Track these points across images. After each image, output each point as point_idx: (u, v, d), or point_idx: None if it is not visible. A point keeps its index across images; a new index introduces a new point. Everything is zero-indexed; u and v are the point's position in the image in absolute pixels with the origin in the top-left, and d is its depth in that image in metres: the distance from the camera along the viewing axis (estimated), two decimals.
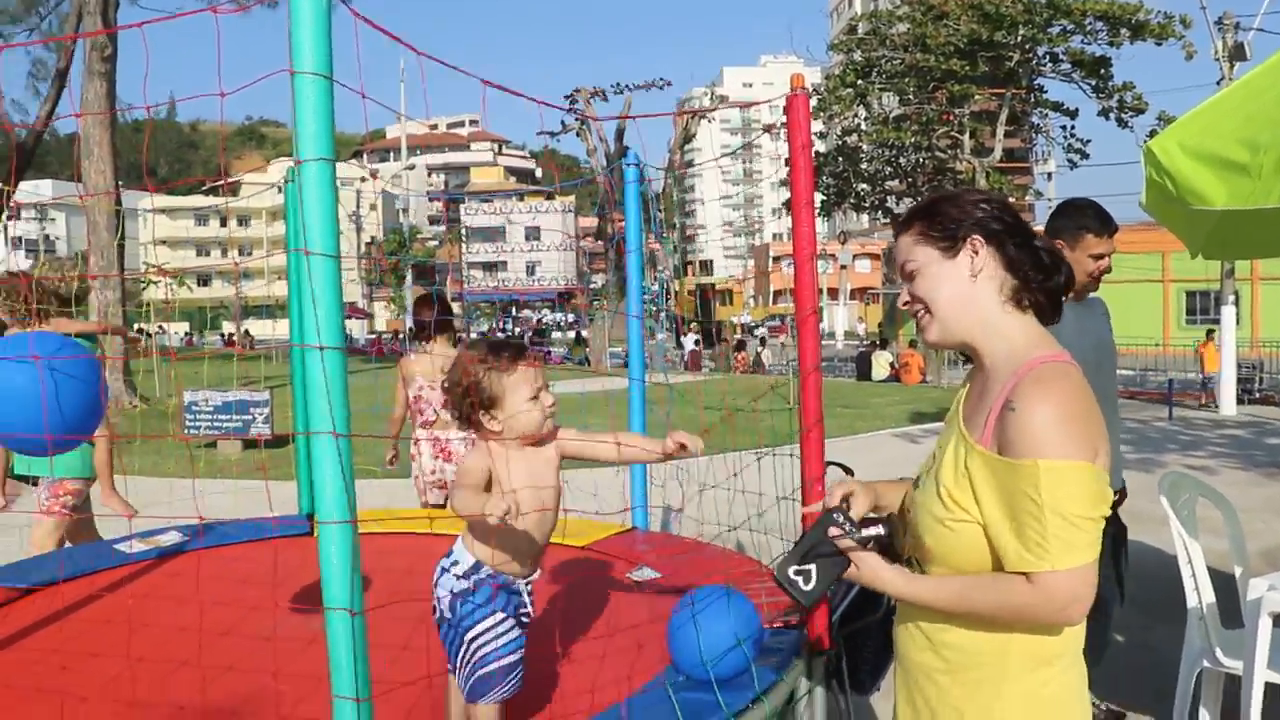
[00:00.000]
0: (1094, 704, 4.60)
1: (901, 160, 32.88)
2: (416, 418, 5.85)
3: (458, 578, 2.60)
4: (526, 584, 2.66)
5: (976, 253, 2.01)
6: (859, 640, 3.76)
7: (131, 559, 4.44)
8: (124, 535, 4.66)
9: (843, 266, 59.16)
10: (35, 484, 5.15)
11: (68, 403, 2.70)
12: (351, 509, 1.94)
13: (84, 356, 2.92)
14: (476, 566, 2.59)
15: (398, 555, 4.55)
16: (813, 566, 2.10)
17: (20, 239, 77.96)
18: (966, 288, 2.02)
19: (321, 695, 1.99)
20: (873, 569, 2.05)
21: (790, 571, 2.11)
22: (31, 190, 72.86)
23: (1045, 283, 2.02)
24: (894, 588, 2.04)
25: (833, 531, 2.09)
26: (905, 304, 2.13)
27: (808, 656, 3.14)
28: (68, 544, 5.12)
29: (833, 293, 62.28)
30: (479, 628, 2.55)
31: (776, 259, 74.20)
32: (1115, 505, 4.59)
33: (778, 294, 74.60)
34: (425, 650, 3.16)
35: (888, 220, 36.60)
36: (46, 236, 78.79)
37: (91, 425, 2.98)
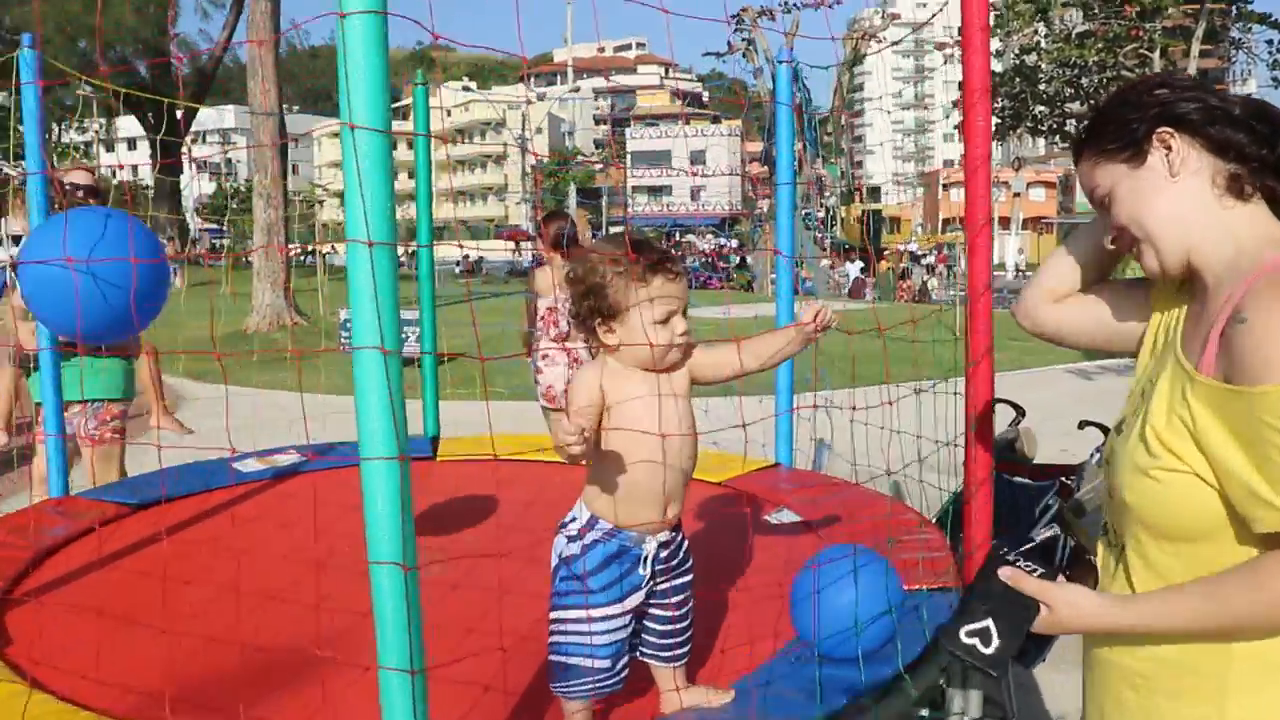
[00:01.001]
0: None
1: (1084, 81, 30.83)
2: (550, 329, 5.63)
3: (568, 539, 2.23)
4: (656, 543, 2.22)
5: (1169, 148, 1.57)
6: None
7: (246, 478, 4.26)
8: (242, 453, 4.49)
9: (1016, 194, 56.59)
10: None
11: (114, 292, 2.40)
12: (401, 443, 1.60)
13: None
14: (591, 522, 2.20)
15: (518, 485, 4.26)
16: (989, 623, 1.56)
17: (204, 163, 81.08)
18: (1170, 194, 1.58)
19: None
20: (1073, 605, 1.53)
21: (963, 635, 1.57)
22: (215, 116, 75.62)
23: (1269, 155, 1.54)
24: (1110, 622, 1.54)
25: (1005, 573, 1.57)
26: (1114, 242, 1.69)
27: None
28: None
29: (1004, 221, 59.73)
30: (566, 614, 2.18)
31: (946, 186, 71.72)
32: None
33: (946, 222, 72.23)
34: (533, 596, 2.85)
35: (1066, 145, 34.61)
36: (229, 160, 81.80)
37: (150, 312, 2.61)
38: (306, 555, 3.39)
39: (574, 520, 2.24)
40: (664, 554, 2.24)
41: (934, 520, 3.46)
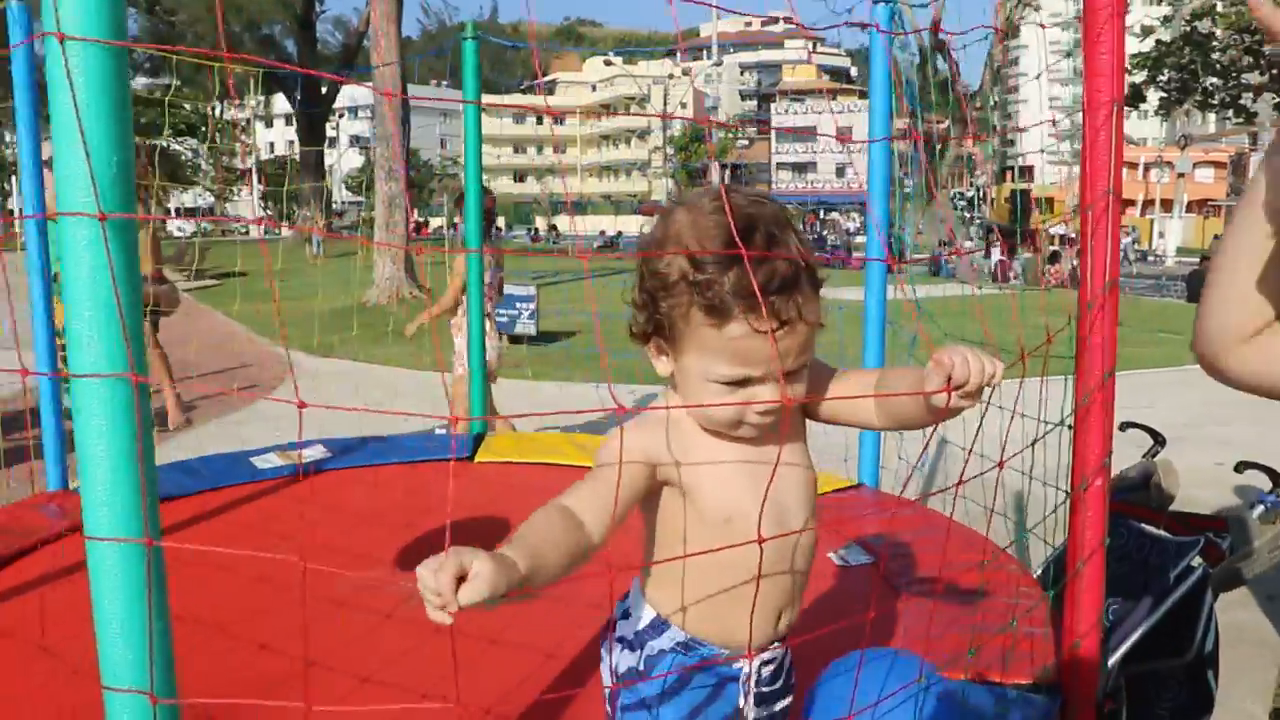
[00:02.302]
0: None
1: (1265, 49, 28.65)
2: (487, 304, 5.53)
3: (624, 644, 1.47)
4: (758, 662, 1.45)
5: None
6: (1150, 689, 2.61)
7: (264, 475, 3.82)
8: (265, 447, 4.06)
9: (1180, 175, 53.43)
10: None
11: None
12: (150, 518, 1.07)
13: None
14: (657, 626, 1.44)
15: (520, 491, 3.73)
16: None
17: (356, 137, 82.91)
18: None
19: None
20: None
21: None
22: (366, 92, 77.02)
23: None
24: None
25: None
26: None
27: None
28: None
29: (1166, 204, 56.62)
30: None
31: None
32: None
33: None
34: (522, 649, 2.34)
35: (1240, 120, 32.32)
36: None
37: None
38: (283, 578, 2.92)
39: (628, 619, 1.48)
40: (766, 672, 1.48)
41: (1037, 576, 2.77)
